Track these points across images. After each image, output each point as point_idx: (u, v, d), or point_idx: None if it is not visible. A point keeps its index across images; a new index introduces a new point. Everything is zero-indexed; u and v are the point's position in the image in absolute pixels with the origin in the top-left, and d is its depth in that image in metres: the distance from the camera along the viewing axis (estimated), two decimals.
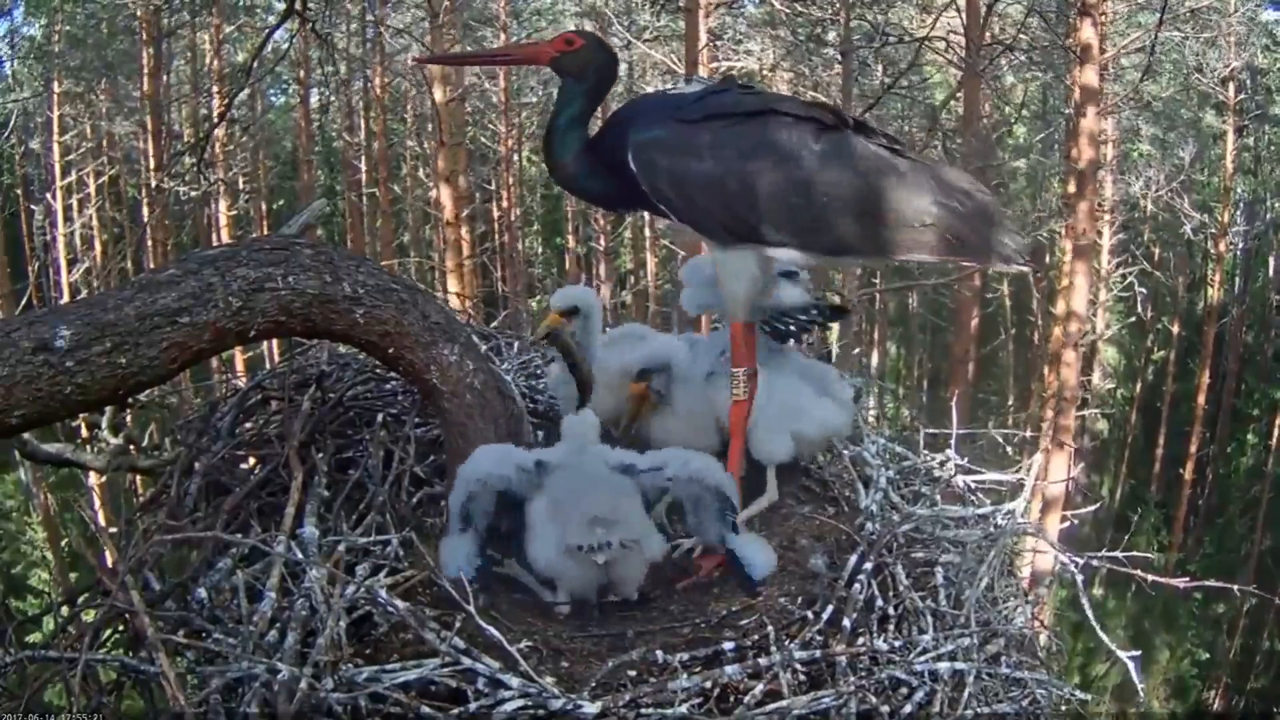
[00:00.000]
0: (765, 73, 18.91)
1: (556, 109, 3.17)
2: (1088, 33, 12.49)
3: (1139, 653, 3.62)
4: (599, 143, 3.15)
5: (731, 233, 3.06)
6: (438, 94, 14.82)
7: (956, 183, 3.11)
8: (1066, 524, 9.85)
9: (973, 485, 3.88)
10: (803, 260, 3.15)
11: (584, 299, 3.76)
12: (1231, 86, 20.29)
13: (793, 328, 3.54)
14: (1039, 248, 19.16)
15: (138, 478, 4.24)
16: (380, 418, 3.60)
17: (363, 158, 23.44)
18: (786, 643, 2.79)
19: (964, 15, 12.87)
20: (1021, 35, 14.58)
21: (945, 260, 3.12)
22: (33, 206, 22.26)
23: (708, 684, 2.64)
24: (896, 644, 2.88)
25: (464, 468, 3.08)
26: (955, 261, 3.16)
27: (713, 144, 2.98)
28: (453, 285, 14.77)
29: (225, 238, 20.58)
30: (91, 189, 22.24)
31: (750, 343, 3.29)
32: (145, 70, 18.91)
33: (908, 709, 2.74)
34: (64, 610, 3.07)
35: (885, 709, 2.70)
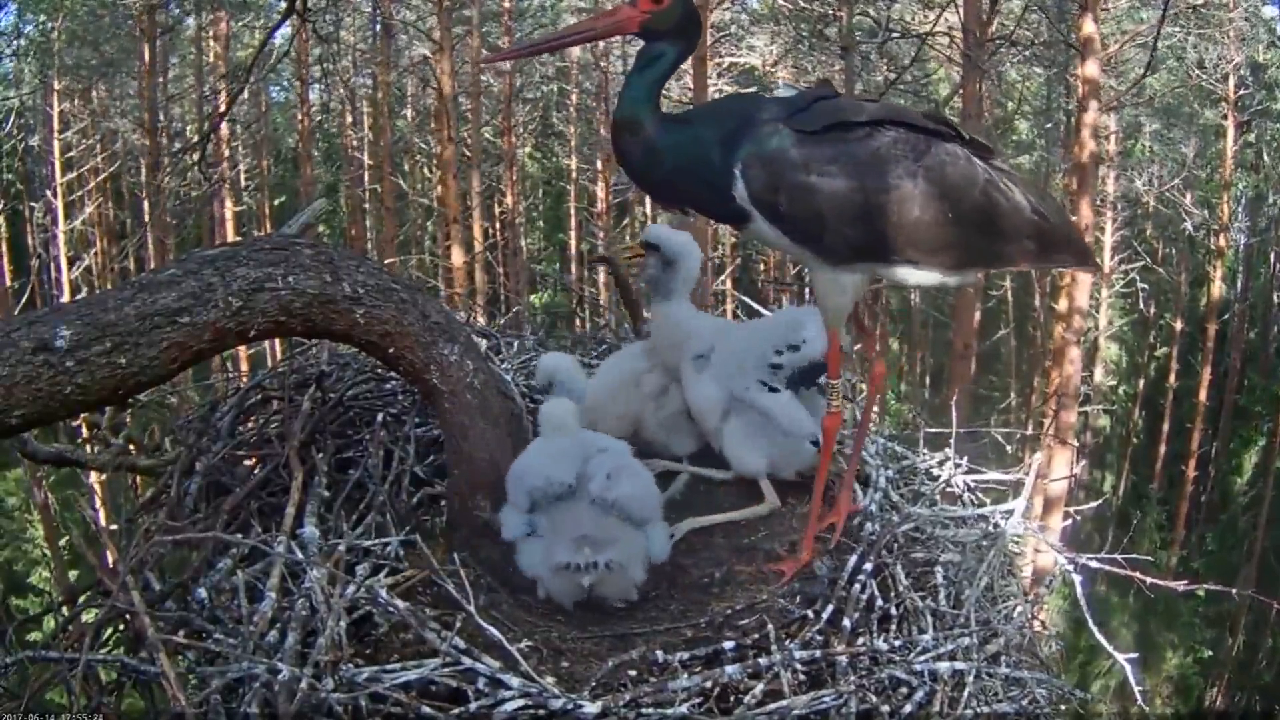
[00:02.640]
0: (768, 68, 18.90)
1: (635, 71, 2.94)
2: (1089, 27, 12.46)
3: (1136, 654, 3.62)
4: (677, 128, 2.93)
5: (858, 252, 2.93)
6: (445, 88, 14.79)
7: (1032, 190, 3.10)
8: (1069, 522, 9.84)
9: (973, 484, 3.87)
10: (913, 277, 3.02)
11: (672, 242, 3.67)
12: (1232, 82, 20.26)
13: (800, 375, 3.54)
14: None
15: (138, 478, 4.24)
16: (380, 417, 3.60)
17: (365, 154, 23.45)
18: (787, 642, 2.79)
19: (962, 11, 12.84)
20: (1023, 30, 14.56)
21: (1041, 267, 3.08)
22: (33, 204, 22.26)
23: (708, 684, 2.64)
24: (896, 644, 2.88)
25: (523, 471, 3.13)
26: (1048, 267, 3.12)
27: (841, 158, 2.82)
28: (458, 283, 14.77)
29: (231, 235, 20.60)
30: (92, 186, 22.24)
31: (869, 336, 3.30)
32: (144, 68, 18.90)
33: (908, 708, 2.73)
34: (64, 610, 3.08)
35: (885, 708, 2.70)
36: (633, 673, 2.72)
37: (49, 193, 20.67)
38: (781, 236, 2.92)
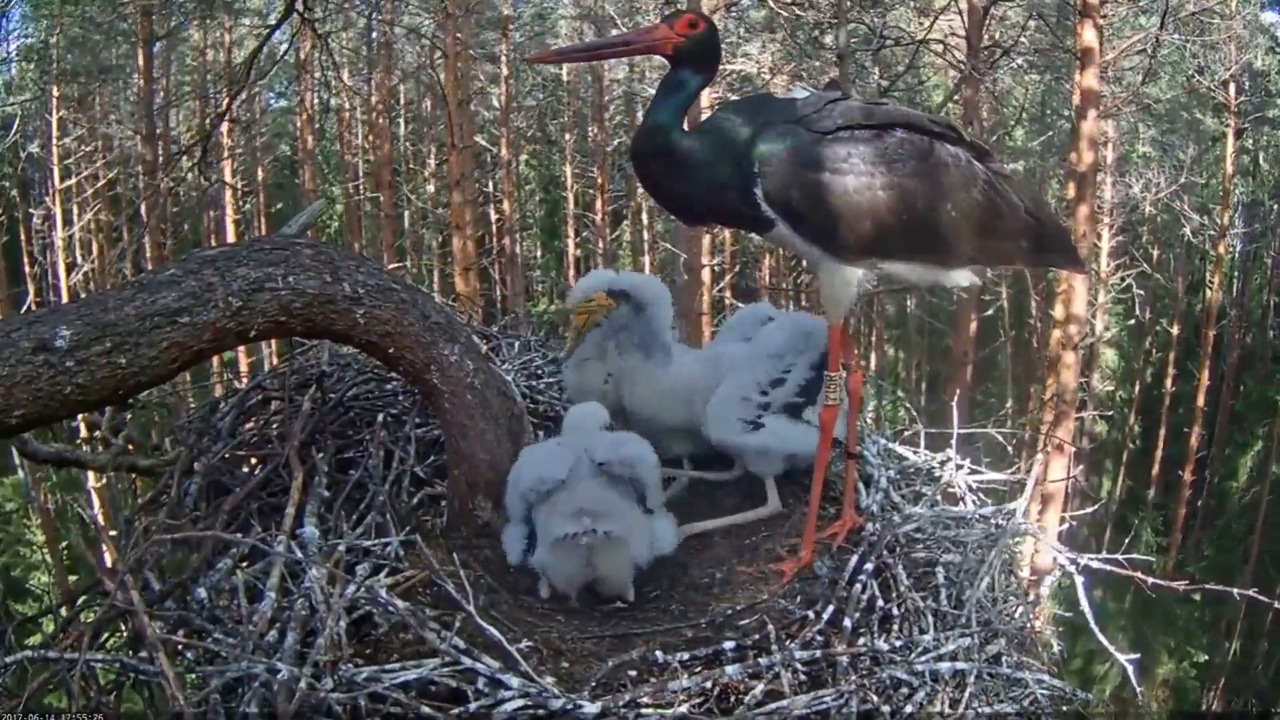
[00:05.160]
0: (764, 75, 18.91)
1: (659, 97, 3.02)
2: (1089, 35, 12.49)
3: (1137, 655, 3.62)
4: (701, 141, 3.01)
5: (864, 247, 3.01)
6: (452, 97, 14.71)
7: (1026, 192, 3.22)
8: (1066, 525, 9.85)
9: (973, 485, 3.88)
10: (913, 273, 3.14)
11: (642, 288, 3.65)
12: (1231, 88, 20.28)
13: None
14: None
15: (138, 478, 4.23)
16: (380, 418, 3.60)
17: (360, 161, 23.46)
18: (787, 643, 2.79)
19: (965, 17, 12.87)
20: (1021, 39, 14.59)
21: (1033, 267, 3.20)
22: (32, 210, 22.24)
23: (708, 684, 2.64)
24: (897, 644, 2.88)
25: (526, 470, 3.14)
26: (1040, 268, 3.25)
27: (851, 157, 2.93)
28: (460, 289, 14.70)
29: (231, 239, 20.57)
30: (90, 193, 22.20)
31: (847, 345, 3.30)
32: (139, 74, 18.87)
33: (909, 709, 2.73)
34: (63, 611, 3.07)
35: (886, 709, 2.71)
36: (633, 673, 2.72)
37: (48, 199, 20.65)
38: (794, 234, 3.00)
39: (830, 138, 2.93)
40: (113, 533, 3.56)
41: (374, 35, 21.60)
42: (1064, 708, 3.31)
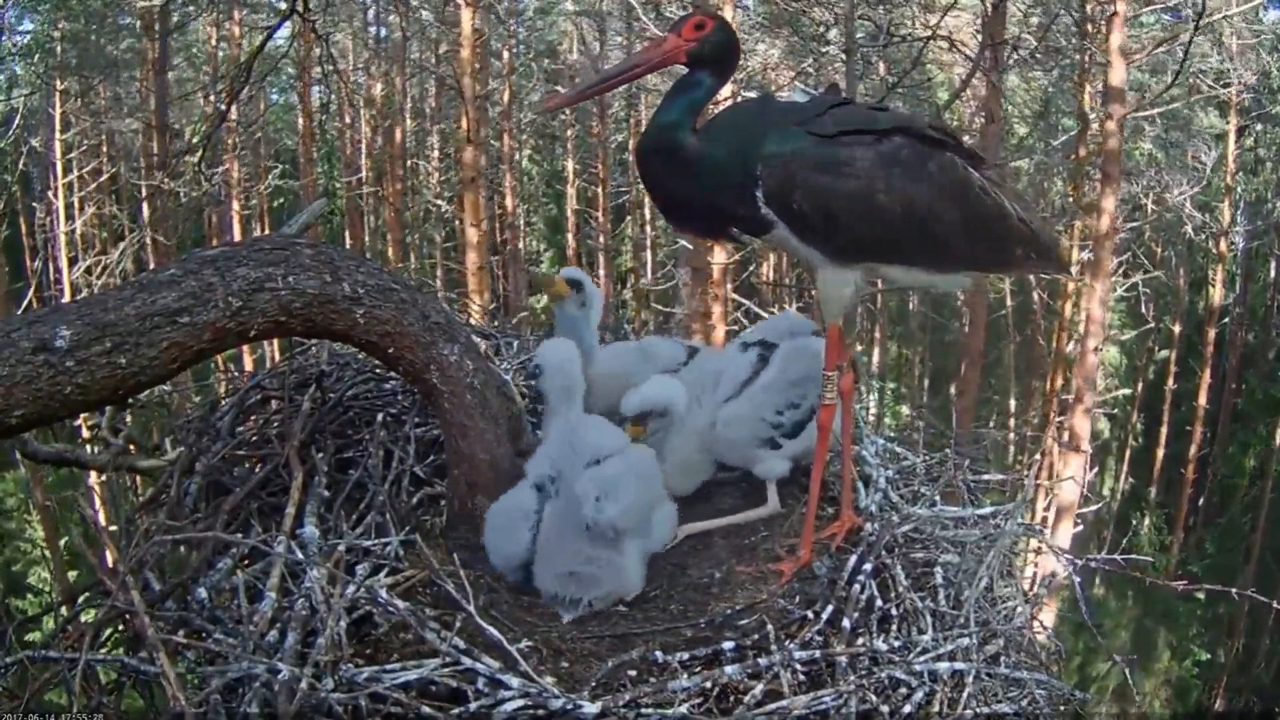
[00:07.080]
0: (768, 71, 18.90)
1: (671, 97, 3.02)
2: (1115, 38, 12.49)
3: (1135, 656, 3.63)
4: (708, 142, 3.01)
5: (861, 250, 3.05)
6: (469, 93, 14.56)
7: (1018, 200, 3.26)
8: (1079, 528, 9.80)
9: (973, 485, 3.87)
10: (910, 276, 3.19)
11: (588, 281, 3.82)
12: (1234, 87, 20.24)
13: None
14: None
15: (138, 478, 4.23)
16: (380, 418, 3.60)
17: (363, 156, 23.44)
18: (786, 643, 2.79)
19: (987, 8, 12.84)
20: (1027, 36, 14.58)
21: (1025, 273, 3.22)
22: (34, 204, 22.22)
23: (708, 684, 2.64)
24: (896, 644, 2.88)
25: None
26: (1033, 273, 3.26)
27: (854, 161, 2.94)
28: (473, 287, 14.60)
29: (238, 237, 20.55)
30: (92, 187, 22.19)
31: (844, 345, 3.30)
32: (149, 67, 18.84)
33: (907, 709, 2.74)
34: (64, 610, 3.07)
35: (885, 709, 2.71)
36: (633, 673, 2.72)
37: (50, 194, 20.63)
38: (792, 236, 3.02)
39: (832, 142, 2.95)
40: (113, 528, 3.56)
41: (381, 30, 21.60)
42: (1062, 707, 3.31)
